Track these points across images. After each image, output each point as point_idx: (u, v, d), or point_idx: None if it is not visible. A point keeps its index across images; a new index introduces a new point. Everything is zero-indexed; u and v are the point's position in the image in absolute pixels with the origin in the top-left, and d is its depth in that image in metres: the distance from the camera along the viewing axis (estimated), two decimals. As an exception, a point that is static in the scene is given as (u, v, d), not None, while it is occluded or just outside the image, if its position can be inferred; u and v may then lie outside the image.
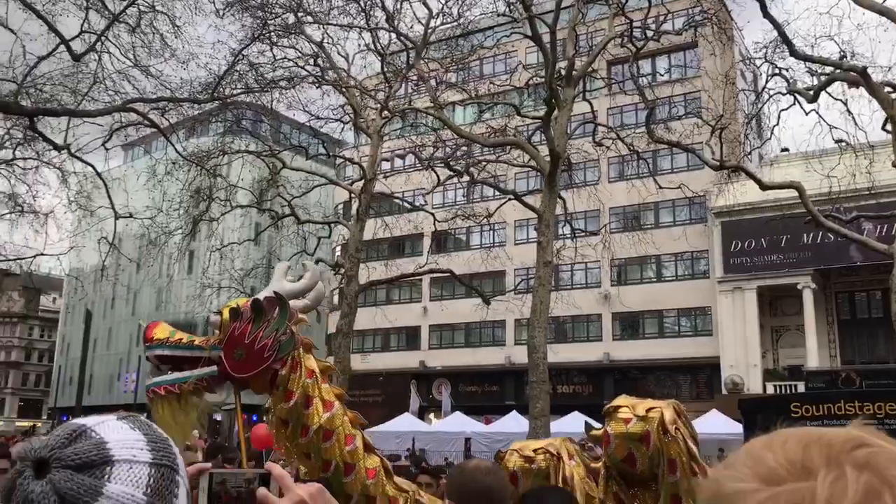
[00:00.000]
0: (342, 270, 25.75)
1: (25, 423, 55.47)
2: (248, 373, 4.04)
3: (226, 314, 4.04)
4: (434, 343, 47.27)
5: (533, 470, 4.08)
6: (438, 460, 22.87)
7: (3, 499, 1.05)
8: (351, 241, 24.36)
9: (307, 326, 4.62)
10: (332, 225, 30.59)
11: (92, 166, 22.06)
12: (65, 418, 60.44)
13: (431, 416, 38.84)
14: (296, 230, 26.95)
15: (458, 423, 28.59)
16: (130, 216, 22.27)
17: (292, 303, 4.35)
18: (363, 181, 24.53)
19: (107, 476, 1.07)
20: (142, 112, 19.91)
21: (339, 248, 38.05)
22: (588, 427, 4.12)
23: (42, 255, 34.42)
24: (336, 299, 41.35)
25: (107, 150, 22.26)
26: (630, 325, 42.30)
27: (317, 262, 26.64)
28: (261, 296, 4.18)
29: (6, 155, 23.16)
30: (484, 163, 25.29)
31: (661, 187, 23.50)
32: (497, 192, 27.24)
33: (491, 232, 33.01)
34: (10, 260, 26.44)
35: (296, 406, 4.10)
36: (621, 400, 3.85)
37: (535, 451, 4.19)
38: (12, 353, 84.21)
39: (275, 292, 4.17)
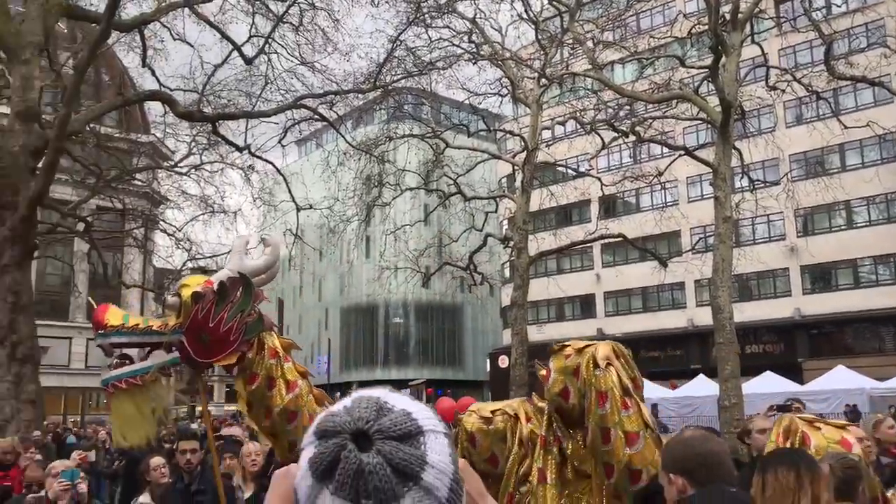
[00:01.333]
0: (511, 243, 25.84)
1: (232, 407, 59.98)
2: (215, 357, 3.83)
3: (186, 295, 3.79)
4: (610, 310, 46.56)
5: (490, 431, 4.05)
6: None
7: (318, 474, 1.05)
8: (518, 214, 24.37)
9: (268, 303, 4.38)
10: (498, 199, 30.72)
11: (271, 163, 23.41)
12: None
13: (614, 383, 38.32)
14: (463, 207, 27.30)
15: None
16: (310, 207, 23.43)
17: (255, 280, 4.14)
18: (525, 152, 24.43)
19: (423, 446, 1.06)
20: (311, 107, 20.83)
21: (506, 222, 38.21)
22: (539, 366, 4.04)
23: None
24: (507, 272, 41.64)
25: (283, 146, 23.51)
26: (821, 277, 39.68)
27: (486, 237, 26.93)
28: (222, 275, 3.94)
29: (194, 160, 25.03)
30: (650, 120, 24.46)
31: (846, 127, 21.76)
32: (666, 150, 26.30)
33: (662, 191, 31.88)
34: (206, 257, 28.54)
35: (259, 388, 3.98)
36: (571, 340, 3.84)
37: (492, 412, 4.13)
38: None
39: (238, 272, 3.92)
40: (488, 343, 59.28)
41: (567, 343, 3.85)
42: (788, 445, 3.53)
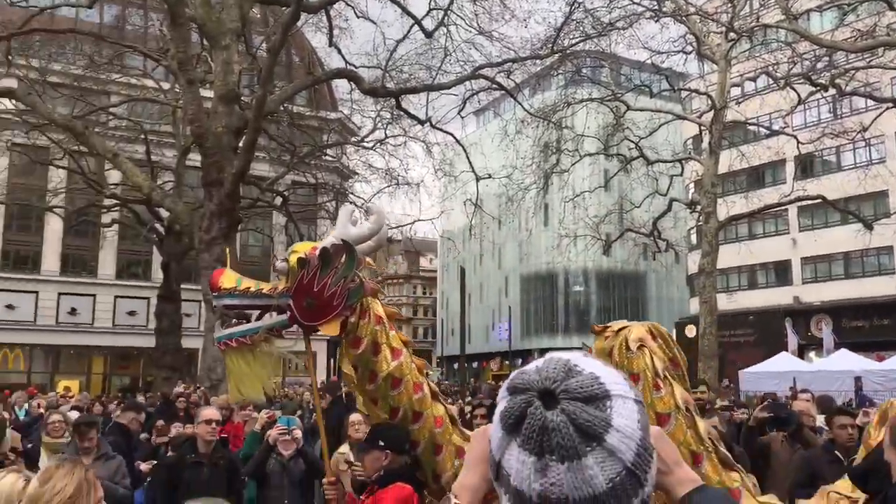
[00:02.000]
0: (698, 208, 24.80)
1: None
2: (319, 321, 3.98)
3: (293, 262, 3.91)
4: (808, 276, 43.69)
5: None
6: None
7: (507, 427, 1.11)
8: (705, 176, 23.33)
9: (372, 270, 4.52)
10: (683, 162, 29.53)
11: (451, 135, 23.80)
12: (455, 366, 66.85)
13: (812, 354, 36.08)
14: (645, 171, 26.49)
15: (845, 361, 26.15)
16: (489, 177, 23.64)
17: (359, 248, 4.19)
18: (713, 111, 23.29)
19: (609, 409, 1.08)
20: (489, 77, 20.92)
21: (692, 185, 36.70)
22: (584, 346, 4.05)
23: (418, 220, 37.73)
24: (694, 238, 40.06)
25: (462, 118, 23.82)
26: None
27: (670, 202, 26.00)
28: (326, 242, 4.04)
29: (379, 135, 25.92)
30: (852, 71, 22.53)
31: None
32: (871, 103, 24.15)
33: (867, 148, 29.43)
34: (392, 228, 29.57)
35: (364, 353, 4.08)
36: (615, 322, 3.86)
37: None
38: (401, 309, 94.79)
39: (342, 239, 4.02)
40: (673, 312, 57.54)
41: (608, 325, 3.86)
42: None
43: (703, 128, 25.92)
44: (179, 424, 8.98)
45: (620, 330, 3.76)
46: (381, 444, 4.51)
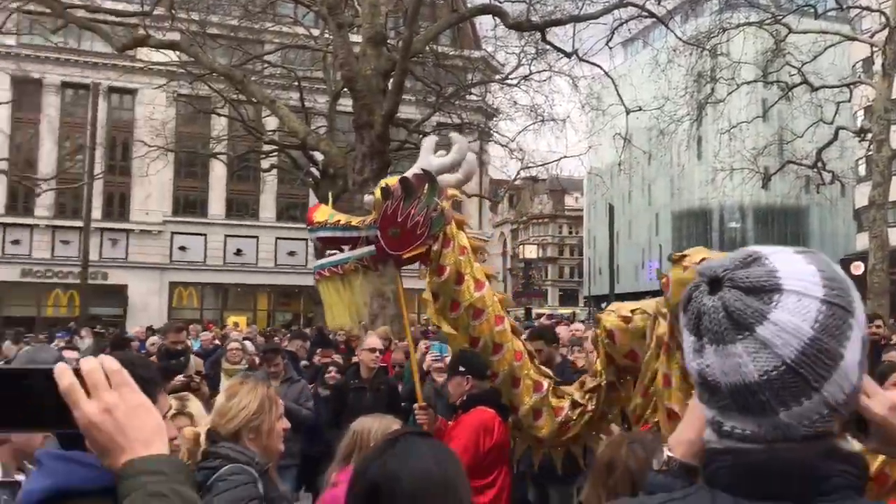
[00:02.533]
0: (868, 136, 23.07)
1: (565, 310, 62.30)
2: (404, 250, 4.07)
3: (378, 194, 4.08)
4: None
5: (629, 329, 4.12)
6: None
7: (682, 307, 1.18)
8: (877, 101, 21.59)
9: (459, 201, 4.54)
10: (852, 87, 27.41)
11: (599, 67, 23.16)
12: (603, 306, 66.18)
13: None
14: (809, 99, 24.82)
15: None
16: (639, 109, 22.90)
17: (444, 178, 4.26)
18: (887, 30, 21.39)
19: (774, 303, 1.09)
20: (638, 4, 20.09)
21: (861, 112, 34.07)
22: (659, 273, 4.01)
23: (564, 157, 37.22)
24: (863, 169, 37.32)
25: (610, 48, 23.06)
26: None
27: (837, 130, 24.33)
28: (409, 173, 4.14)
29: (523, 71, 25.59)
30: None
31: None
32: None
33: None
34: (537, 166, 29.39)
35: (447, 281, 4.14)
36: (692, 250, 3.79)
37: (632, 311, 4.16)
38: (547, 249, 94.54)
39: (422, 169, 4.11)
40: (838, 248, 54.21)
41: (685, 253, 3.85)
42: None
43: (875, 49, 23.92)
44: (337, 355, 9.53)
45: (702, 260, 3.60)
46: (462, 369, 4.55)
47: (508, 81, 27.08)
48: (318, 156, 24.82)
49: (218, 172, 40.41)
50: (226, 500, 2.87)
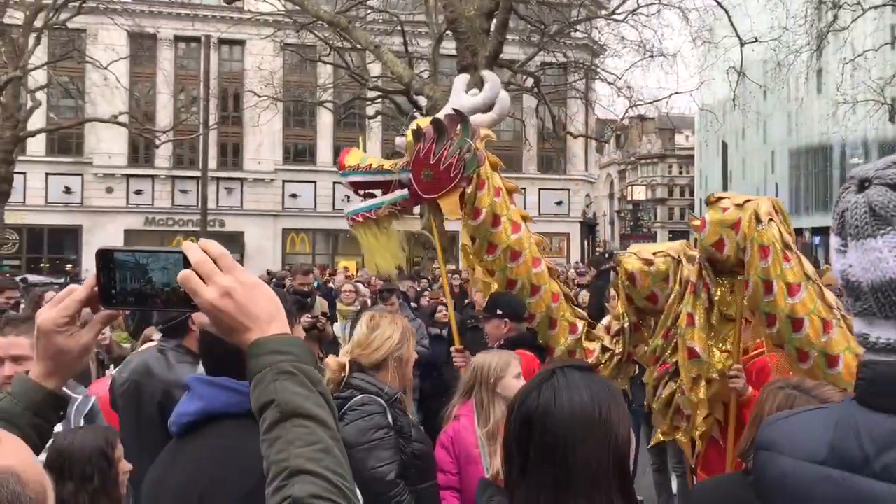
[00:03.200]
0: None
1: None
2: (437, 193, 3.95)
3: (409, 136, 3.96)
4: None
5: (651, 271, 4.12)
6: None
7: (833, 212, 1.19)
8: None
9: (493, 140, 4.26)
10: None
11: (712, -3, 22.08)
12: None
13: None
14: (946, 22, 22.99)
15: None
16: (755, 41, 21.80)
17: (478, 118, 4.09)
18: None
19: None
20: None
21: None
22: (691, 219, 4.17)
23: (674, 94, 36.13)
24: None
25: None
26: None
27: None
28: (441, 114, 3.97)
29: (631, 5, 24.72)
30: None
31: None
32: None
33: None
34: (646, 103, 28.51)
35: (483, 224, 4.05)
36: (727, 193, 3.89)
37: (654, 253, 4.16)
38: (657, 190, 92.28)
39: (454, 109, 3.94)
40: (974, 183, 50.60)
41: (723, 195, 3.97)
42: None
43: None
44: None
45: (747, 202, 3.88)
46: (500, 312, 4.47)
47: (615, 16, 26.23)
48: (422, 100, 24.84)
49: (325, 120, 41.16)
50: (356, 428, 3.01)
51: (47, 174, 39.54)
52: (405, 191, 3.97)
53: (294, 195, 42.09)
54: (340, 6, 26.47)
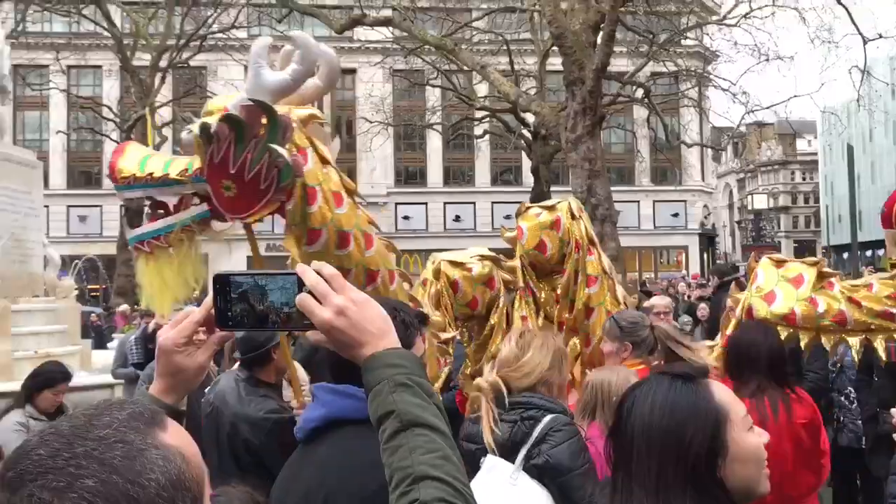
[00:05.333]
0: None
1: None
2: (246, 212, 2.85)
3: (196, 133, 2.83)
4: None
5: (473, 276, 4.21)
6: None
7: None
8: None
9: (322, 124, 3.17)
10: None
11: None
12: (844, 256, 61.12)
13: None
14: None
15: None
16: (879, 37, 20.67)
17: (300, 90, 2.98)
18: None
19: None
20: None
21: None
22: (503, 231, 4.39)
23: (794, 97, 34.81)
24: None
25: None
26: None
27: None
28: (233, 105, 2.82)
29: (743, 9, 23.92)
30: None
31: None
32: None
33: None
34: (763, 109, 27.48)
35: (326, 248, 3.00)
36: (529, 205, 4.28)
37: (472, 257, 4.24)
38: (779, 198, 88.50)
39: (250, 98, 2.79)
40: None
41: (529, 205, 4.33)
42: None
43: None
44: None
45: (553, 206, 4.29)
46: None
47: (727, 21, 25.46)
48: (530, 118, 24.81)
49: (435, 142, 41.77)
50: (569, 450, 2.78)
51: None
52: (204, 207, 2.93)
53: (406, 217, 42.82)
54: (446, 30, 26.87)
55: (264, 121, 2.75)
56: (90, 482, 0.81)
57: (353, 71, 41.37)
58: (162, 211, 3.03)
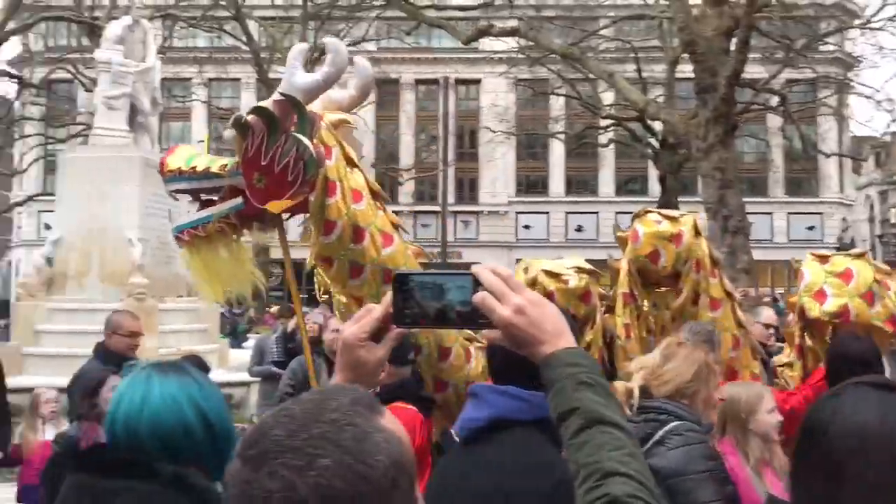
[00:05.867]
0: None
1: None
2: (272, 201, 3.00)
3: (235, 129, 3.03)
4: None
5: (569, 289, 3.87)
6: None
7: None
8: None
9: (352, 129, 3.30)
10: None
11: None
12: None
13: None
14: None
15: None
16: None
17: (335, 97, 3.26)
18: None
19: None
20: None
21: None
22: (616, 230, 4.22)
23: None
24: None
25: None
26: None
27: None
28: (269, 101, 3.07)
29: (889, 12, 22.60)
30: None
31: None
32: None
33: None
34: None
35: (340, 240, 3.14)
36: (650, 209, 4.11)
37: (569, 269, 3.94)
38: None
39: (282, 93, 3.01)
40: None
41: (650, 210, 4.11)
42: None
43: None
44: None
45: (679, 218, 4.03)
46: None
47: (871, 25, 24.13)
48: (657, 126, 24.29)
49: (557, 151, 41.52)
50: (683, 454, 2.75)
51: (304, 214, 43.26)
52: (239, 199, 3.11)
53: (527, 226, 42.72)
54: (573, 38, 26.72)
55: (295, 116, 2.97)
56: (326, 461, 0.88)
57: (477, 81, 41.71)
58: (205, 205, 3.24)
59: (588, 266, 4.01)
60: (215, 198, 3.20)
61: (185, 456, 1.47)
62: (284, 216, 3.22)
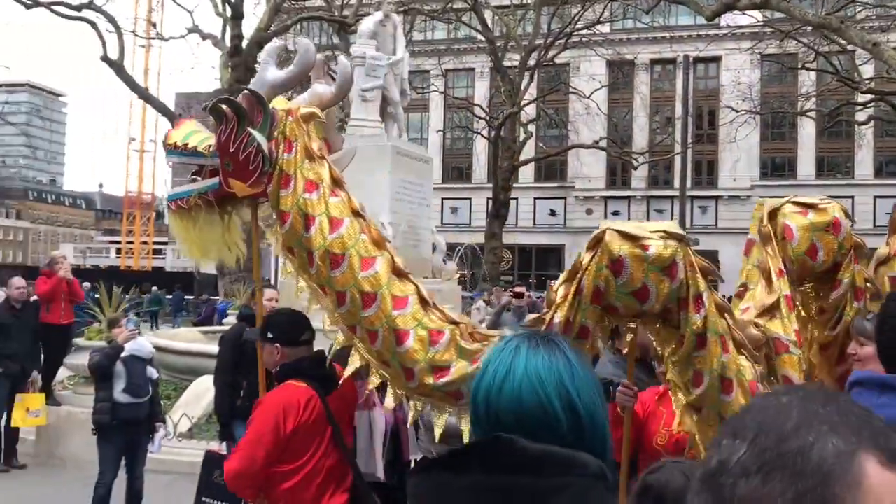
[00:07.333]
0: None
1: None
2: (239, 185, 3.33)
3: (212, 115, 3.35)
4: None
5: (648, 257, 2.77)
6: None
7: None
8: None
9: (322, 123, 3.50)
10: None
11: None
12: None
13: None
14: None
15: None
16: None
17: (318, 90, 3.58)
18: None
19: None
20: None
21: None
22: (762, 226, 3.50)
23: None
24: None
25: None
26: None
27: None
28: (242, 95, 3.37)
29: None
30: None
31: None
32: None
33: None
34: None
35: (293, 230, 3.27)
36: (792, 199, 3.59)
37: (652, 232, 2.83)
38: None
39: (248, 90, 3.32)
40: None
41: (785, 199, 3.62)
42: None
43: None
44: None
45: (819, 203, 3.54)
46: (270, 336, 3.74)
47: None
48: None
49: (807, 131, 38.54)
50: None
51: (535, 199, 43.61)
52: (216, 179, 3.42)
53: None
54: (829, 7, 24.66)
55: (261, 112, 3.26)
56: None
57: (717, 59, 39.70)
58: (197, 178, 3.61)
59: (678, 230, 2.86)
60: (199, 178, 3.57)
61: (542, 440, 1.28)
62: (259, 200, 3.48)
